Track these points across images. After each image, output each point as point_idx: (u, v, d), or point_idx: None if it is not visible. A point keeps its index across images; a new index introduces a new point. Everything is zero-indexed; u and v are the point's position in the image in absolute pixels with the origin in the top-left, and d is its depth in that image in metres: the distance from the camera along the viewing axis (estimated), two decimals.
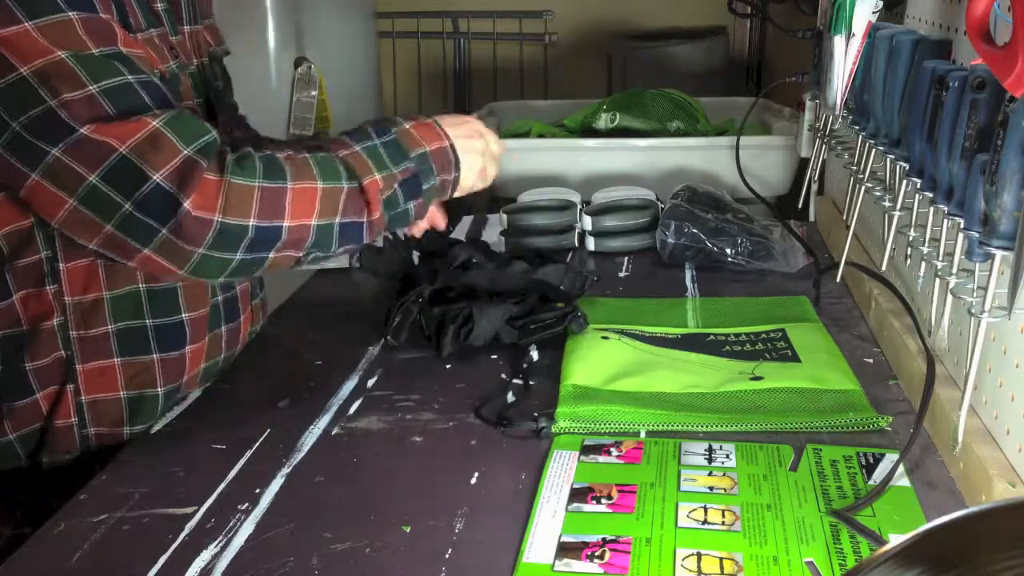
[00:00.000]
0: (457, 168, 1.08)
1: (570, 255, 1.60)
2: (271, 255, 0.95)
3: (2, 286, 0.99)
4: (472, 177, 1.12)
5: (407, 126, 1.06)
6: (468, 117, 1.16)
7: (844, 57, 1.13)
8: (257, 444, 1.00)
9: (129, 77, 0.93)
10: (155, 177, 0.89)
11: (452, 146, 1.08)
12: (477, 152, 1.12)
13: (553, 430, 1.00)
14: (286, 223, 0.94)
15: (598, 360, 1.13)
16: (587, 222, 1.61)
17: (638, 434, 0.99)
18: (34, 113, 0.89)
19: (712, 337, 1.22)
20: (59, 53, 0.89)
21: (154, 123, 0.90)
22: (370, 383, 1.14)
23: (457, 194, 1.13)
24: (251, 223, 0.92)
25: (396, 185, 1.02)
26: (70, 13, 0.91)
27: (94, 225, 0.91)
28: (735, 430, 0.99)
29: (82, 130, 0.89)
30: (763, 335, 1.21)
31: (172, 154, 0.90)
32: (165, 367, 1.07)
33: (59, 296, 1.00)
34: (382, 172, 1.01)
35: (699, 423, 1.00)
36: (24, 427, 1.02)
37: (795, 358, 1.14)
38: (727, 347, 1.18)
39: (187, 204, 0.89)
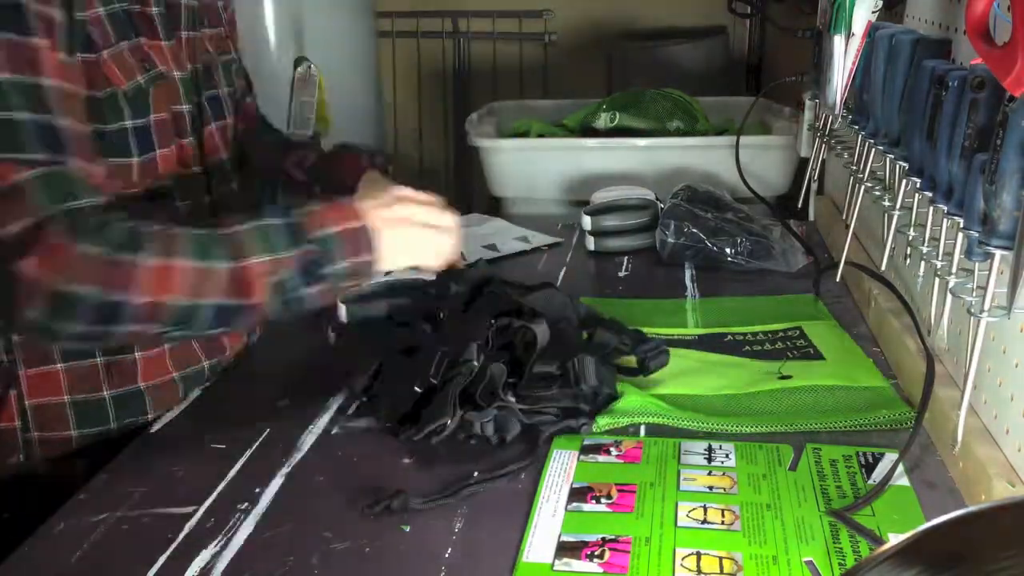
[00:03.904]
0: (371, 251, 0.98)
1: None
2: (123, 328, 0.90)
3: None
4: (402, 256, 1.02)
5: (316, 208, 0.99)
6: (412, 193, 1.06)
7: (844, 56, 1.13)
8: (257, 444, 1.00)
9: (22, 115, 0.89)
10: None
11: (367, 228, 0.98)
12: (406, 227, 1.02)
13: (594, 428, 1.00)
14: (137, 298, 0.89)
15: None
16: (587, 222, 1.61)
17: (638, 433, 0.99)
18: None
19: (730, 337, 1.22)
20: None
21: (19, 176, 0.87)
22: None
23: (386, 274, 1.06)
24: (93, 293, 0.87)
25: (289, 269, 0.95)
26: None
27: None
28: (771, 431, 0.99)
29: None
30: (781, 333, 1.22)
31: (25, 211, 0.87)
32: (108, 370, 1.07)
33: None
34: (269, 252, 0.94)
35: (735, 425, 1.00)
36: None
37: (819, 356, 1.15)
38: (747, 347, 1.18)
39: (24, 264, 0.85)
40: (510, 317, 1.06)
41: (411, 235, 1.03)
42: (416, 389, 1.00)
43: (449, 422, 0.96)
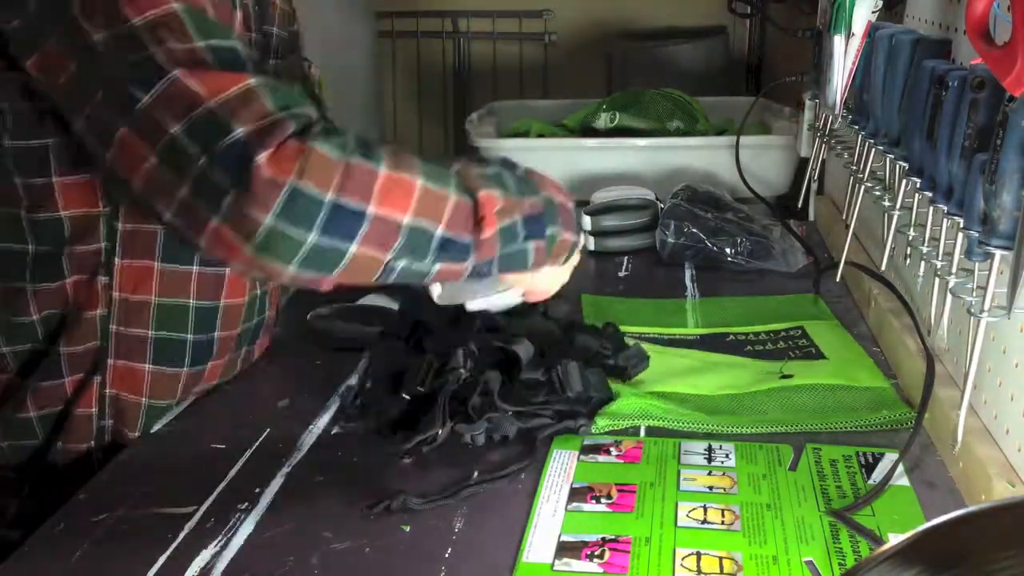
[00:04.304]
0: (578, 233, 1.00)
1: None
2: (352, 247, 0.83)
3: (57, 267, 0.99)
4: (576, 259, 1.03)
5: (534, 170, 0.99)
6: None
7: (844, 56, 1.13)
8: (257, 444, 1.00)
9: (237, 44, 0.88)
10: (238, 131, 0.81)
11: (574, 208, 1.00)
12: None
13: (593, 430, 0.99)
14: (371, 209, 0.83)
15: None
16: (587, 222, 1.61)
17: (638, 433, 0.99)
18: (133, 59, 0.84)
19: (732, 337, 1.22)
20: (173, 5, 0.86)
21: (251, 80, 0.84)
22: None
23: (556, 278, 1.03)
24: (329, 196, 0.81)
25: (518, 216, 0.92)
26: None
27: (170, 187, 0.83)
28: (771, 431, 0.99)
29: (175, 72, 0.83)
30: (783, 333, 1.22)
31: (260, 111, 0.82)
32: (186, 379, 1.07)
33: (108, 290, 1.01)
34: (503, 191, 0.91)
35: (735, 425, 1.00)
36: (46, 408, 1.02)
37: (820, 355, 1.15)
38: (749, 346, 1.18)
39: (261, 158, 0.80)
40: (492, 334, 1.06)
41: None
42: (404, 396, 1.00)
43: (440, 433, 0.95)
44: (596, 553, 0.79)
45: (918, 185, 0.95)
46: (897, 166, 1.05)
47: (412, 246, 0.86)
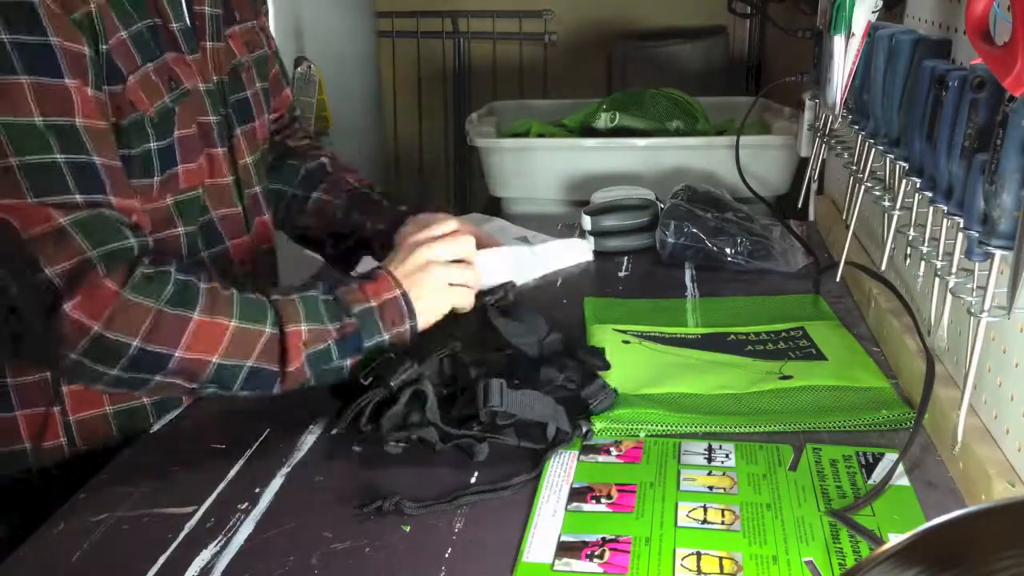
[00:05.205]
0: (412, 317, 1.05)
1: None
2: (156, 378, 0.94)
3: None
4: (433, 316, 1.08)
5: (356, 285, 1.04)
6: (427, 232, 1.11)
7: (844, 57, 1.13)
8: (257, 444, 1.00)
9: (59, 157, 0.90)
10: (47, 271, 0.88)
11: (404, 295, 1.05)
12: (433, 290, 1.07)
13: (592, 435, 0.99)
14: (179, 353, 0.92)
15: (623, 366, 1.11)
16: (587, 222, 1.61)
17: (638, 433, 0.99)
18: None
19: (733, 336, 1.22)
20: None
21: (61, 219, 0.89)
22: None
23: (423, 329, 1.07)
24: (135, 343, 0.90)
25: (330, 341, 1.00)
26: (23, 77, 0.89)
27: None
28: (770, 430, 0.99)
29: None
30: (783, 333, 1.22)
31: (71, 253, 0.89)
32: None
33: None
34: (311, 324, 0.99)
35: (734, 425, 1.00)
36: (9, 445, 1.02)
37: (820, 356, 1.15)
38: (749, 347, 1.18)
39: (67, 306, 0.88)
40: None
41: (440, 282, 1.08)
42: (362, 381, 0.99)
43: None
44: (596, 553, 0.79)
45: (918, 185, 0.95)
46: (897, 166, 1.05)
47: (219, 378, 0.96)
